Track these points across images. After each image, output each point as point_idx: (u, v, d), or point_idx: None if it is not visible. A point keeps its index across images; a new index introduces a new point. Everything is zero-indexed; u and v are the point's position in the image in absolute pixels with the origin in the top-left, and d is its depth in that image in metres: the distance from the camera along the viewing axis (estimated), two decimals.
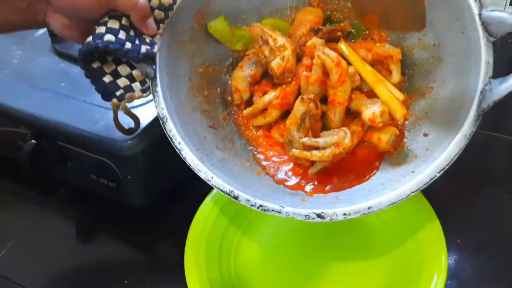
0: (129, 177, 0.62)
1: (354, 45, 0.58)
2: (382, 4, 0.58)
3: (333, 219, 0.47)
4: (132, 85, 0.52)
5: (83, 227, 0.71)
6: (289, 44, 0.57)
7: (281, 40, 0.57)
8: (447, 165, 0.48)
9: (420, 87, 0.57)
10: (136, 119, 0.56)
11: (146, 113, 0.62)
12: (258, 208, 0.49)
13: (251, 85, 0.61)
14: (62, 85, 0.69)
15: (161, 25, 0.52)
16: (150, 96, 0.62)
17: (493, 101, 0.46)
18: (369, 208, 0.47)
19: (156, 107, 0.52)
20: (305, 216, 0.48)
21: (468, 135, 0.47)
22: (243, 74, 0.60)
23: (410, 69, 0.58)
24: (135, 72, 0.52)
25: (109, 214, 0.71)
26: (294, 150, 0.54)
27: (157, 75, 0.52)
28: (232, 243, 0.63)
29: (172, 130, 0.52)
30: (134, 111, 0.61)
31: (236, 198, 0.50)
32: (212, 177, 0.51)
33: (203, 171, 0.51)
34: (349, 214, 0.47)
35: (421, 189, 0.47)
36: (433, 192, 0.57)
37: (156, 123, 0.60)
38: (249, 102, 0.61)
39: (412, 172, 0.50)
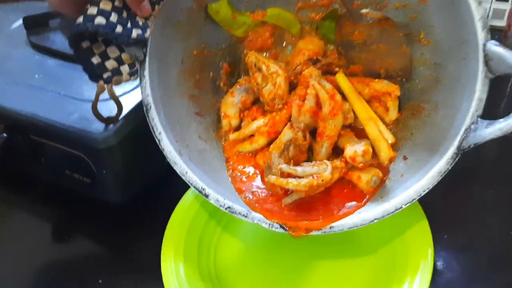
0: (104, 171, 0.60)
1: (352, 79, 0.56)
2: (367, 57, 0.57)
3: (295, 231, 0.49)
4: (121, 67, 0.51)
5: (57, 226, 0.68)
6: (282, 71, 0.56)
7: (274, 67, 0.56)
8: (414, 199, 0.48)
9: (413, 104, 0.55)
10: (119, 105, 0.54)
11: (125, 101, 0.59)
12: (226, 209, 0.50)
13: (241, 112, 0.59)
14: (37, 77, 0.67)
15: (156, 6, 0.50)
16: (131, 85, 0.61)
17: (474, 144, 0.45)
18: (330, 227, 0.49)
19: (141, 92, 0.51)
20: (269, 224, 0.49)
21: (442, 172, 0.47)
22: (233, 100, 0.59)
23: (408, 82, 0.56)
24: (124, 55, 0.51)
25: (85, 212, 0.68)
26: (270, 176, 0.51)
27: (147, 58, 0.51)
28: (212, 239, 0.61)
29: (155, 119, 0.51)
30: (108, 103, 0.60)
31: (206, 196, 0.51)
32: (187, 172, 0.51)
33: (179, 164, 0.51)
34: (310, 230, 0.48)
35: (384, 218, 0.48)
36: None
37: (133, 116, 0.59)
38: (237, 129, 0.60)
39: (381, 197, 0.50)
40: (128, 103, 0.60)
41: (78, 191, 0.64)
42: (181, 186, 0.62)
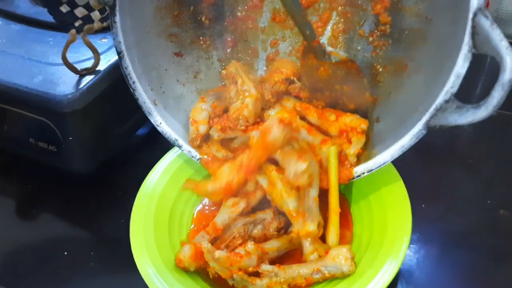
0: (70, 138, 0.57)
1: (323, 109, 0.54)
2: (331, 95, 0.55)
3: None
4: (91, 14, 0.51)
5: (21, 200, 0.65)
6: (254, 92, 0.52)
7: (248, 85, 0.53)
8: (372, 170, 0.48)
9: (397, 59, 0.53)
10: (97, 54, 0.52)
11: (92, 65, 0.57)
12: (197, 160, 0.51)
13: (210, 118, 0.56)
14: None
15: None
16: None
17: (441, 126, 0.43)
18: None
19: (114, 39, 0.49)
20: None
21: (405, 148, 0.46)
22: (203, 105, 0.56)
23: (396, 32, 0.53)
24: (92, 1, 0.48)
25: (50, 184, 0.65)
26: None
27: (117, 1, 0.48)
28: (184, 211, 0.58)
29: (128, 67, 0.50)
30: (80, 65, 0.57)
31: (179, 147, 0.52)
32: (161, 123, 0.51)
33: (154, 115, 0.51)
34: None
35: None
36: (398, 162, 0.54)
37: (101, 79, 0.57)
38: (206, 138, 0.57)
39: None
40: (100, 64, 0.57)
41: (43, 161, 0.62)
42: (152, 155, 0.61)
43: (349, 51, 0.55)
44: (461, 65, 0.41)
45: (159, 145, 0.65)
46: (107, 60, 0.58)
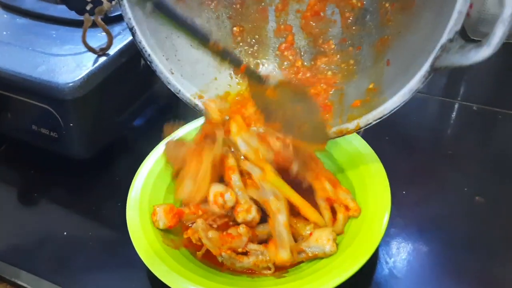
0: (71, 124, 0.60)
1: (320, 172, 0.54)
2: (284, 116, 0.55)
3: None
4: None
5: (24, 186, 0.68)
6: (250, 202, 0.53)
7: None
8: (383, 116, 0.47)
9: None
10: (109, 34, 0.55)
11: (93, 56, 0.60)
12: None
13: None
14: (4, 33, 0.67)
15: None
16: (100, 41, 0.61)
17: (445, 66, 0.42)
18: None
19: (124, 17, 0.51)
20: None
21: (413, 90, 0.45)
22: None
23: None
24: None
25: (51, 170, 0.68)
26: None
27: None
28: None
29: (142, 41, 0.51)
30: (82, 56, 0.61)
31: (200, 112, 0.53)
32: (180, 91, 0.53)
33: (172, 83, 0.53)
34: None
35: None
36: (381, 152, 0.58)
37: (102, 67, 0.60)
38: None
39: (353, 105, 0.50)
40: (98, 55, 0.60)
41: (45, 147, 0.64)
42: (148, 143, 0.64)
43: None
44: (462, 2, 0.41)
45: (155, 134, 0.68)
46: (107, 52, 0.61)
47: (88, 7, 0.53)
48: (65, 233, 0.59)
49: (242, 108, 0.56)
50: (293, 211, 0.53)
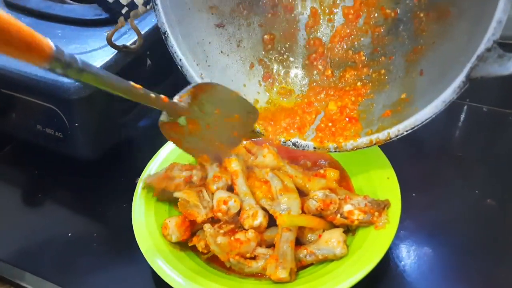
0: (76, 124, 0.59)
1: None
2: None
3: (304, 149, 0.52)
4: (135, 0, 0.55)
5: (28, 187, 0.68)
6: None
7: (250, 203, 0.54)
8: (415, 126, 0.46)
9: (439, 4, 0.51)
10: (140, 35, 0.57)
11: (99, 55, 0.60)
12: None
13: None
14: None
15: None
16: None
17: (482, 77, 0.41)
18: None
19: (157, 21, 0.52)
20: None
21: (447, 102, 0.44)
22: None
23: None
24: None
25: (56, 171, 0.68)
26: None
27: None
28: None
29: (174, 45, 0.52)
30: (87, 56, 0.60)
31: None
32: None
33: None
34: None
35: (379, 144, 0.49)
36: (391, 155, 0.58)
37: (107, 68, 0.59)
38: None
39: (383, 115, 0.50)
40: (104, 55, 0.60)
41: (49, 147, 0.64)
42: (153, 145, 0.63)
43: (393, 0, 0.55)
44: (502, 10, 0.39)
45: (160, 136, 0.67)
46: (112, 51, 0.61)
47: (123, 11, 0.55)
48: (69, 234, 0.59)
49: (270, 121, 0.57)
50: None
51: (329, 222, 0.52)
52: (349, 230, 0.53)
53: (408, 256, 0.54)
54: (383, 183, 0.55)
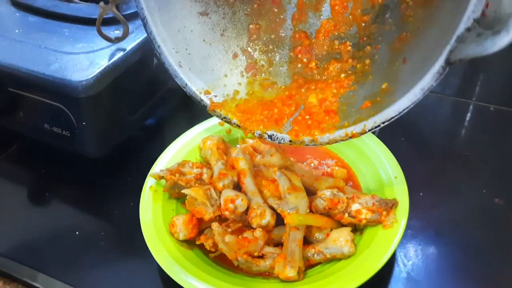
0: (84, 123, 0.59)
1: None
2: None
3: (280, 142, 0.50)
4: None
5: (35, 185, 0.68)
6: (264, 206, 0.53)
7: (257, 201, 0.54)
8: (392, 118, 0.44)
9: None
10: (125, 22, 0.55)
11: (106, 54, 0.60)
12: (222, 119, 0.51)
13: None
14: (17, 31, 0.66)
15: None
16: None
17: (460, 60, 0.38)
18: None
19: (136, 7, 0.50)
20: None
21: (426, 89, 0.42)
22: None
23: None
24: None
25: (63, 169, 0.68)
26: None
27: None
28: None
29: (153, 32, 0.50)
30: (94, 54, 0.60)
31: (204, 107, 0.52)
32: (186, 85, 0.51)
33: (180, 77, 0.51)
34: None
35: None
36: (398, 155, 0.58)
37: (115, 66, 0.59)
38: None
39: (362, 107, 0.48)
40: (112, 54, 0.60)
41: (57, 146, 0.64)
42: (160, 143, 0.64)
43: None
44: None
45: (167, 134, 0.68)
46: (120, 50, 0.61)
47: None
48: (77, 232, 0.59)
49: (249, 113, 0.55)
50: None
51: (336, 221, 0.52)
52: (356, 229, 0.52)
53: (416, 255, 0.54)
54: (391, 182, 0.55)
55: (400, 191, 0.54)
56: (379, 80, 0.51)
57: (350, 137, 0.48)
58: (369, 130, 0.46)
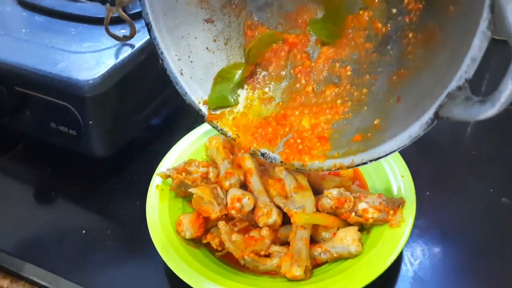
0: (90, 122, 0.59)
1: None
2: None
3: (272, 161, 0.51)
4: None
5: (42, 184, 0.68)
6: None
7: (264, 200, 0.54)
8: (378, 158, 0.45)
9: (429, 25, 0.48)
10: (131, 23, 0.55)
11: (112, 53, 0.60)
12: (219, 131, 0.52)
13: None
14: (23, 31, 0.66)
15: None
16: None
17: (447, 117, 0.39)
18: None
19: (142, 11, 0.50)
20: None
21: (413, 137, 0.42)
22: None
23: None
24: None
25: (69, 168, 0.68)
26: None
27: None
28: None
29: (157, 37, 0.51)
30: (101, 54, 0.60)
31: (203, 116, 0.52)
32: (186, 93, 0.51)
33: (180, 85, 0.52)
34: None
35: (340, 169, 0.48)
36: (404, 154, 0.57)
37: (122, 65, 0.59)
38: None
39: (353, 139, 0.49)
40: (118, 53, 0.60)
41: (63, 145, 0.64)
42: (166, 143, 0.64)
43: (386, 14, 0.52)
44: (478, 47, 0.36)
45: (173, 133, 0.68)
46: (126, 49, 0.61)
47: None
48: (83, 231, 0.59)
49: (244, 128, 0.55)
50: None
51: (343, 220, 0.52)
52: (363, 228, 0.52)
53: (423, 255, 0.53)
54: (398, 181, 0.55)
55: (407, 190, 0.54)
56: (373, 113, 0.51)
57: (338, 169, 0.49)
58: (355, 166, 0.47)
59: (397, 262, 0.52)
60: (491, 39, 0.35)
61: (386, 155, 0.45)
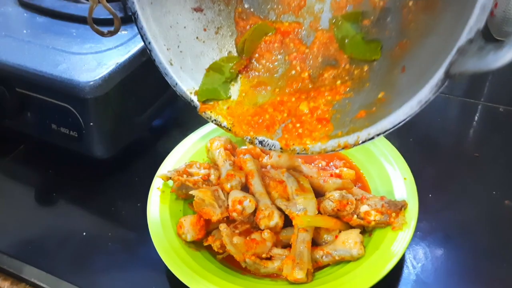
0: (91, 123, 0.59)
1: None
2: None
3: (271, 148, 0.48)
4: None
5: (43, 186, 0.68)
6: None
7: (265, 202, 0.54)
8: (387, 130, 0.42)
9: None
10: (116, 16, 0.53)
11: (113, 54, 0.60)
12: (212, 121, 0.50)
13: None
14: (25, 32, 0.66)
15: None
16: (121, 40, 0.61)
17: (460, 73, 0.36)
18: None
19: (127, 1, 0.48)
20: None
21: (423, 102, 0.40)
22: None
23: None
24: None
25: (70, 170, 0.68)
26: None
27: None
28: None
29: (143, 27, 0.48)
30: (102, 55, 0.60)
31: (195, 108, 0.50)
32: (177, 84, 0.50)
33: (170, 75, 0.50)
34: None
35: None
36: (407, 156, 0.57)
37: (122, 67, 0.59)
38: None
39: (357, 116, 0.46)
40: (119, 54, 0.60)
41: (64, 146, 0.64)
42: (167, 144, 0.64)
43: None
44: None
45: (174, 135, 0.68)
46: (127, 51, 0.61)
47: None
48: (84, 233, 0.59)
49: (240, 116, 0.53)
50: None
51: (345, 223, 0.52)
52: (365, 231, 0.52)
53: (425, 258, 0.53)
54: (400, 183, 0.54)
55: (409, 193, 0.53)
56: (376, 88, 0.48)
57: (343, 148, 0.46)
58: (362, 142, 0.44)
59: (399, 265, 0.52)
60: None
61: (394, 126, 0.42)
